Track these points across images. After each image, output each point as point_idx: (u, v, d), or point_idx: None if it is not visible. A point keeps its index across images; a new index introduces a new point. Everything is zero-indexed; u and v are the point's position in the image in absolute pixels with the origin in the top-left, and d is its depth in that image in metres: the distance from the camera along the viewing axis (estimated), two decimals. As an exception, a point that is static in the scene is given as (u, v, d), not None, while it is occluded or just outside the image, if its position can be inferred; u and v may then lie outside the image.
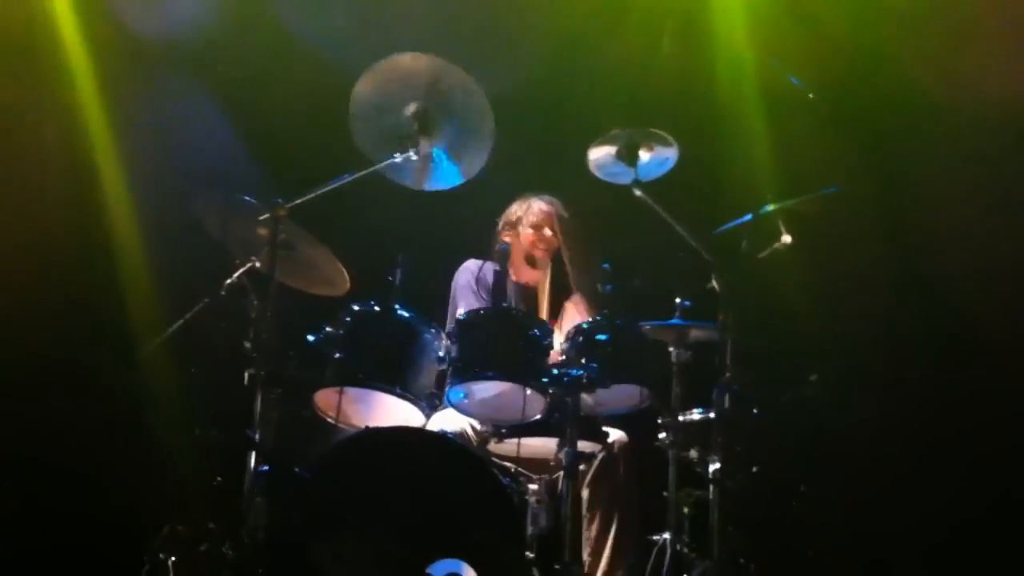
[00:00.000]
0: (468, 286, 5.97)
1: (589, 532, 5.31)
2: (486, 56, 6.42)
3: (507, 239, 6.09)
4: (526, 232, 6.08)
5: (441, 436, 5.07)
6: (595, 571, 5.27)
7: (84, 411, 5.75)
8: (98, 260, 6.16)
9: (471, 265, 6.06)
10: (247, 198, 4.90)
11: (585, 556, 5.29)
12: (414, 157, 5.16)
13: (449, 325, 5.53)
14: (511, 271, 6.07)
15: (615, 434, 5.36)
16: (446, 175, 5.38)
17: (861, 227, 6.29)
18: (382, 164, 5.17)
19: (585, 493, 5.35)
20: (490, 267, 6.04)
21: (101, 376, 5.85)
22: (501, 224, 6.19)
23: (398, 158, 5.15)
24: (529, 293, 6.09)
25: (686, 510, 5.18)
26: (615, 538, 5.28)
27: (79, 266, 6.12)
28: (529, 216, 6.10)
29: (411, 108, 5.19)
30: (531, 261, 6.09)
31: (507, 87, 6.08)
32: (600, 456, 5.30)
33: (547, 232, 6.06)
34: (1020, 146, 6.06)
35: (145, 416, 5.74)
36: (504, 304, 5.79)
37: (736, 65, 6.43)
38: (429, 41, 6.39)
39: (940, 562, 5.75)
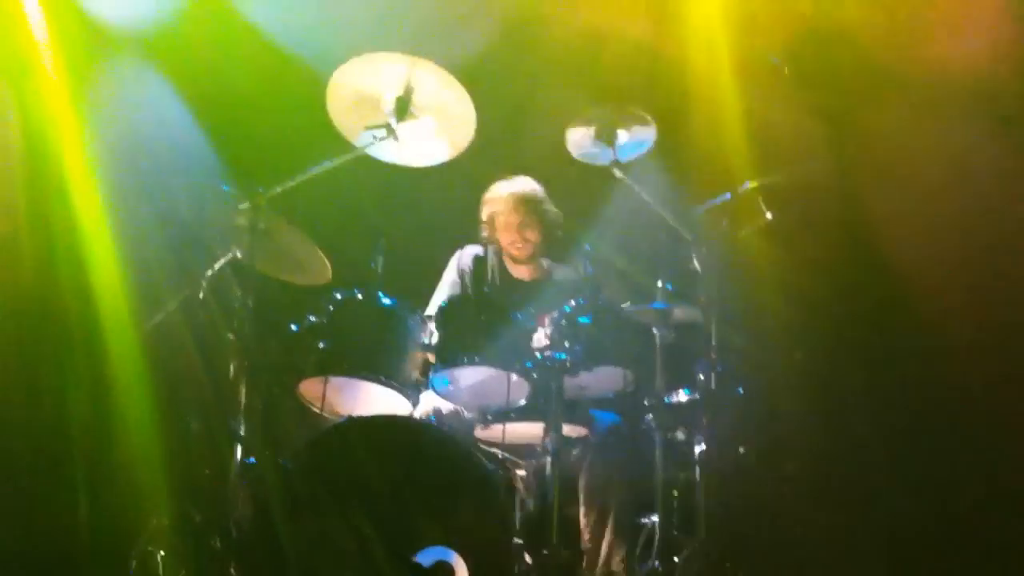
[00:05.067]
0: (450, 276, 5.91)
1: (588, 520, 5.28)
2: (455, 35, 6.40)
3: (489, 233, 5.99)
4: (504, 232, 5.96)
5: (427, 424, 5.06)
6: (595, 558, 5.23)
7: (67, 407, 5.67)
8: (64, 254, 6.05)
9: (463, 254, 5.98)
10: (226, 187, 4.84)
11: (584, 544, 5.27)
12: (394, 141, 5.09)
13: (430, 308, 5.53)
14: (507, 264, 6.04)
15: (608, 419, 5.35)
16: (428, 153, 5.31)
17: (839, 202, 6.28)
18: (363, 147, 5.10)
19: (581, 481, 5.32)
20: (480, 252, 5.99)
21: (82, 370, 5.77)
22: (483, 216, 6.02)
23: (376, 141, 5.08)
24: (523, 285, 5.98)
25: (675, 492, 5.17)
26: (613, 524, 5.24)
27: (49, 261, 6.01)
28: (504, 214, 5.94)
29: (390, 96, 5.10)
30: (515, 259, 6.01)
31: (478, 67, 6.04)
32: (594, 443, 5.27)
33: (525, 231, 5.92)
34: (968, 117, 6.07)
35: (129, 410, 5.67)
36: (485, 290, 5.76)
37: (709, 42, 6.40)
38: (395, 25, 6.39)
39: (928, 542, 5.75)
